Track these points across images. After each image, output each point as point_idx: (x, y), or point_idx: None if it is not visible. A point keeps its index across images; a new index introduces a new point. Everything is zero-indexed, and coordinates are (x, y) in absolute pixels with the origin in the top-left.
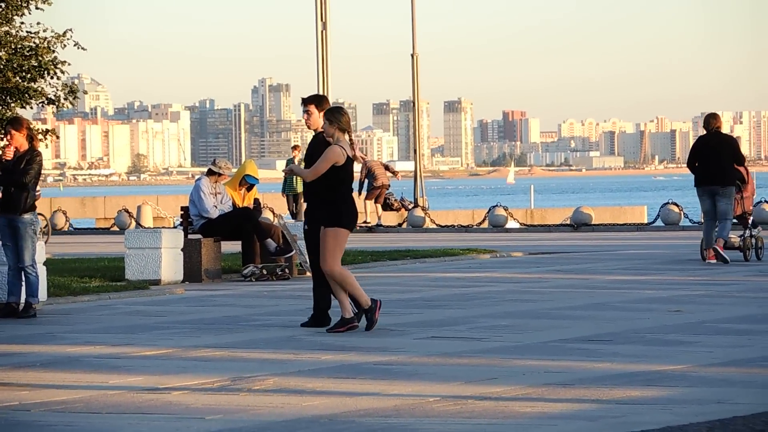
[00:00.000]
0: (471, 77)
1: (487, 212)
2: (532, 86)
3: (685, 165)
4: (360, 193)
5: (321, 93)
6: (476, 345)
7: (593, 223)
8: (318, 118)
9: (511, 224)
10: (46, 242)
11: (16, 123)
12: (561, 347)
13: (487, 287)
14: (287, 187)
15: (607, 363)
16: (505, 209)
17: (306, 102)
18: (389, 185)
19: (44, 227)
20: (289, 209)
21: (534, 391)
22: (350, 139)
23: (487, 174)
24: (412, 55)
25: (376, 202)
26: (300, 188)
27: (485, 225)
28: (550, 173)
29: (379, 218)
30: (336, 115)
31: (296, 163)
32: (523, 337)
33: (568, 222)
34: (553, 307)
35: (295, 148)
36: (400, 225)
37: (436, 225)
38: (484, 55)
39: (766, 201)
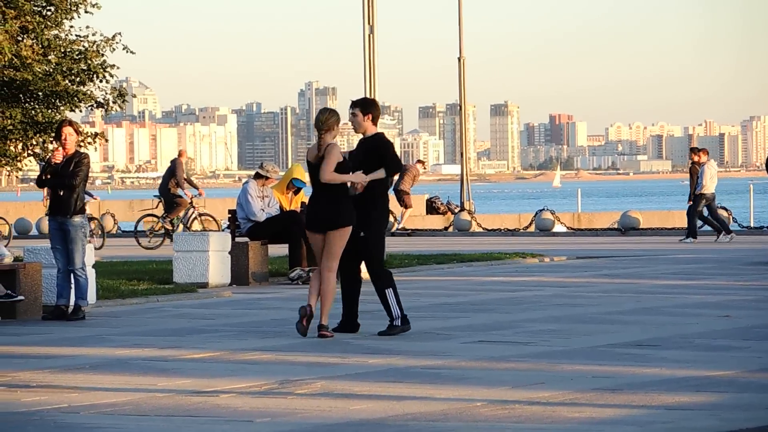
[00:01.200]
0: (518, 81)
1: (534, 216)
2: (580, 89)
3: (734, 169)
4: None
5: (369, 97)
6: (523, 349)
7: (641, 227)
8: (362, 122)
9: (558, 228)
10: (101, 246)
11: (71, 123)
12: (609, 352)
13: (534, 291)
14: None
15: (656, 368)
16: (552, 213)
17: (352, 105)
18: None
19: (93, 229)
20: None
21: (582, 397)
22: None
23: (533, 178)
24: (459, 59)
25: (406, 207)
26: None
27: (532, 229)
28: (597, 177)
29: (399, 221)
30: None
31: None
32: (571, 342)
33: (615, 226)
34: (600, 311)
35: None
36: (446, 228)
37: (483, 229)
38: (531, 59)
39: (723, 207)
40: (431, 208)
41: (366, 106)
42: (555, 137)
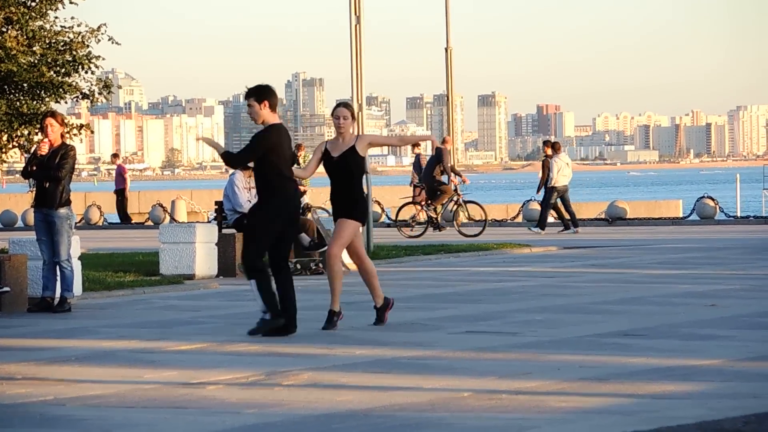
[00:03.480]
0: (505, 71)
1: (522, 207)
2: (567, 80)
3: (720, 159)
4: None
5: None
6: (510, 340)
7: (628, 217)
8: (260, 111)
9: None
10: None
11: (55, 114)
12: (596, 342)
13: (522, 282)
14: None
15: (643, 357)
16: (539, 203)
17: (247, 95)
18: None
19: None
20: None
21: (569, 386)
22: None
23: (521, 168)
24: (446, 49)
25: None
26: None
27: (519, 219)
28: (584, 167)
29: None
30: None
31: (302, 163)
32: (558, 332)
33: (602, 216)
34: (587, 301)
35: (298, 147)
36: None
37: (470, 219)
38: (519, 49)
39: (535, 200)
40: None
41: (260, 94)
42: (542, 127)
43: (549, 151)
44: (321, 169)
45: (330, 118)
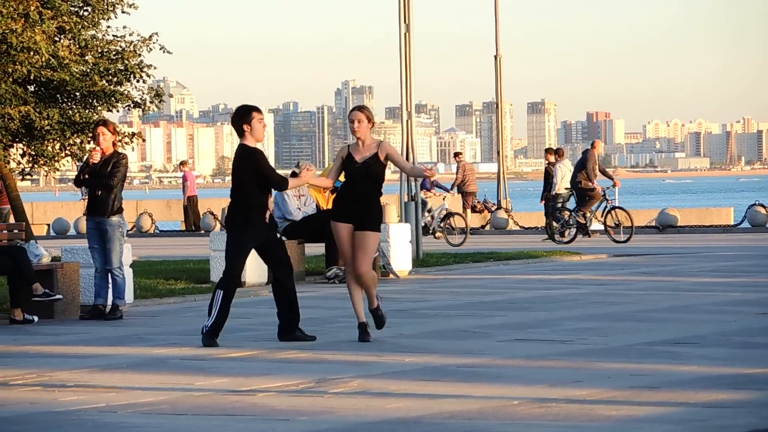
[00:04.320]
0: (554, 78)
1: (570, 214)
2: (617, 87)
3: None
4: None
5: (410, 97)
6: (560, 348)
7: (679, 224)
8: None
9: (596, 226)
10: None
11: (107, 123)
12: (646, 350)
13: (571, 289)
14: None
15: (694, 366)
16: (590, 211)
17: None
18: (476, 191)
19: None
20: None
21: (619, 395)
22: None
23: None
24: (496, 57)
25: (464, 208)
26: None
27: None
28: (634, 174)
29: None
30: None
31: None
32: (608, 340)
33: (653, 224)
34: (638, 309)
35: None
36: (483, 227)
37: (520, 227)
38: (568, 56)
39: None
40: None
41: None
42: (592, 134)
43: (552, 158)
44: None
45: (379, 126)
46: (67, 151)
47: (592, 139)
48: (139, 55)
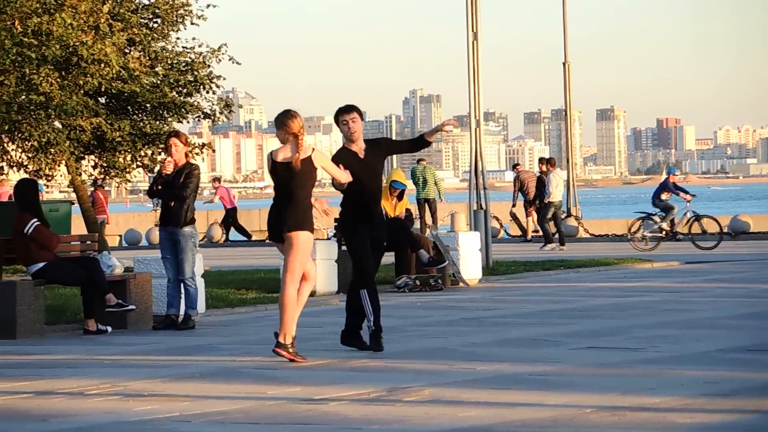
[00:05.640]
0: (624, 85)
1: (641, 221)
2: (687, 93)
3: None
4: (514, 205)
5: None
6: (632, 355)
7: (751, 230)
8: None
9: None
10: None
11: (179, 134)
12: (719, 357)
13: (643, 297)
14: (418, 193)
15: (766, 373)
16: (661, 218)
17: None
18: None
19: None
20: (420, 216)
21: (692, 402)
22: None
23: (641, 182)
24: (564, 64)
25: (527, 216)
26: (432, 194)
27: (640, 234)
28: (705, 181)
29: (534, 231)
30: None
31: (428, 177)
32: (681, 348)
33: (725, 230)
34: (710, 316)
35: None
36: (553, 235)
37: (590, 234)
38: (637, 63)
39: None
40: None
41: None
42: (662, 141)
43: (544, 168)
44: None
45: (447, 134)
46: (138, 163)
47: (662, 145)
48: (209, 66)
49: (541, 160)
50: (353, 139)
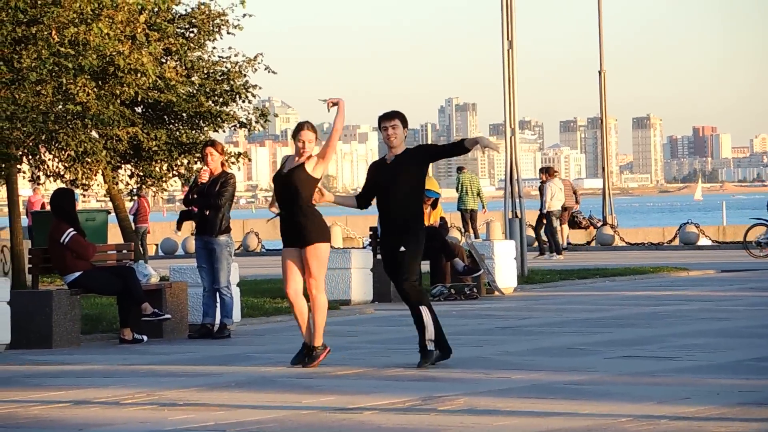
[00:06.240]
0: (660, 93)
1: (678, 229)
2: (723, 101)
3: None
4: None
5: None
6: (668, 364)
7: None
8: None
9: (703, 241)
10: None
11: (215, 143)
12: (755, 366)
13: (679, 306)
14: (459, 203)
15: None
16: (697, 226)
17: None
18: (574, 206)
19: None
20: (462, 225)
21: (728, 411)
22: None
23: (677, 191)
24: (600, 72)
25: (561, 223)
26: (473, 204)
27: (676, 242)
28: (742, 189)
29: (567, 237)
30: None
31: (467, 185)
32: (716, 356)
33: (763, 239)
34: (746, 325)
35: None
36: (588, 243)
37: (626, 243)
38: (673, 71)
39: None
40: (573, 222)
41: (405, 120)
42: (699, 149)
43: (544, 177)
44: (454, 193)
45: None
46: (174, 172)
47: (698, 154)
48: (245, 75)
49: (540, 170)
50: (391, 146)
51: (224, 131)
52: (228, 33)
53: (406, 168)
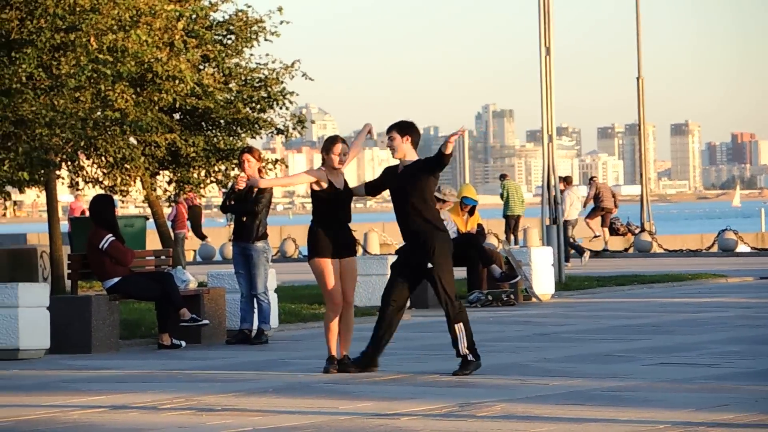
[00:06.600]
0: (698, 99)
1: (717, 236)
2: (762, 108)
3: None
4: (589, 216)
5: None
6: (706, 371)
7: None
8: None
9: (742, 248)
10: None
11: (252, 150)
12: None
13: (717, 312)
14: (506, 209)
15: None
16: (735, 233)
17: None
18: (613, 210)
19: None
20: (505, 231)
21: (766, 418)
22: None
23: (715, 197)
24: (638, 78)
25: (603, 225)
26: (519, 210)
27: (714, 249)
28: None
29: (606, 243)
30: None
31: (504, 192)
32: (755, 363)
33: None
34: None
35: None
36: (626, 250)
37: (664, 249)
38: (712, 77)
39: None
40: (611, 229)
41: (403, 128)
42: (737, 156)
43: (562, 186)
44: (491, 200)
45: (520, 149)
46: (212, 178)
47: (737, 160)
48: (282, 82)
49: (559, 179)
50: (393, 156)
51: (261, 138)
52: (265, 39)
53: (411, 177)
